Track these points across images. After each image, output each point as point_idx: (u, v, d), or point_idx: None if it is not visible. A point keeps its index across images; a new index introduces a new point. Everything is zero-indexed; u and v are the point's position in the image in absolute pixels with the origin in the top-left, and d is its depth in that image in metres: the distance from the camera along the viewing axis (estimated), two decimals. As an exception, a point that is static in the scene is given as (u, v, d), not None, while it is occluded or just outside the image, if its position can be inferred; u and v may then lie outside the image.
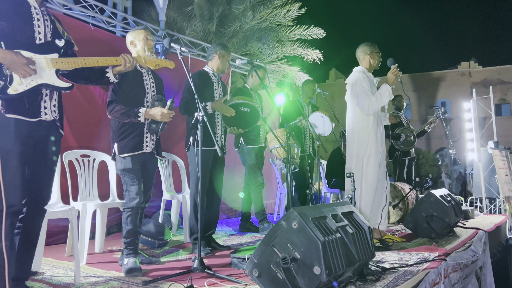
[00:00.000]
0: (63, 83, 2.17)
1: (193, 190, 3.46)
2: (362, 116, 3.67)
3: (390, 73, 3.61)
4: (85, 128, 4.16)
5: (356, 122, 3.71)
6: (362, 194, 3.64)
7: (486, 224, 5.23)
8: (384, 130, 3.82)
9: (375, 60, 3.74)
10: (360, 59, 3.80)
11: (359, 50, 3.81)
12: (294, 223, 2.08)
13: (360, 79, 3.64)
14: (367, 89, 3.60)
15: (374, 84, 3.72)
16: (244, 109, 3.49)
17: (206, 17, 9.28)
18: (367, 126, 3.65)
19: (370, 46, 3.78)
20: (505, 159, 6.16)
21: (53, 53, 2.16)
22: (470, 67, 23.87)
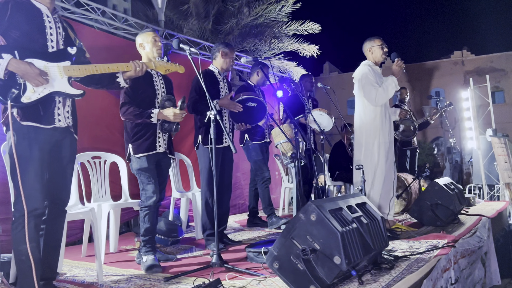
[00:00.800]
0: (75, 91, 2.22)
1: (204, 187, 3.52)
2: (369, 108, 3.76)
3: (394, 65, 3.71)
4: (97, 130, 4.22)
5: (364, 114, 3.81)
6: (371, 185, 3.74)
7: (488, 210, 5.34)
8: (392, 123, 3.91)
9: (377, 54, 3.83)
10: (366, 54, 3.92)
11: (363, 46, 3.93)
12: (313, 215, 2.15)
13: (365, 72, 3.74)
14: (373, 81, 3.70)
15: (381, 76, 3.81)
16: (251, 104, 3.54)
17: (202, 15, 9.31)
18: (375, 117, 3.75)
19: (370, 41, 3.88)
20: (503, 146, 6.27)
21: (65, 61, 2.21)
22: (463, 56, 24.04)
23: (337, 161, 6.05)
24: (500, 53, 22.63)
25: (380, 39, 3.86)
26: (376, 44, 3.84)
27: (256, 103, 3.57)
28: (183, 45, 2.91)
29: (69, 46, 2.25)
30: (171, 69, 2.75)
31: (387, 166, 3.78)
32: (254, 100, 3.56)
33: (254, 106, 3.56)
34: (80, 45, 2.29)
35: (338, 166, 6.00)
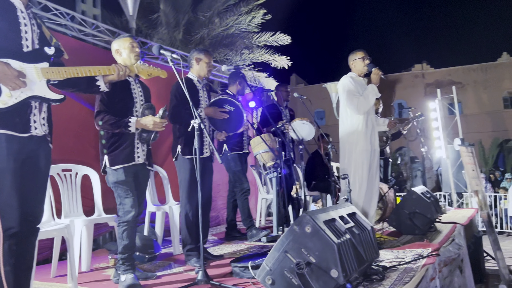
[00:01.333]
0: (55, 95, 2.04)
1: (184, 200, 3.37)
2: (352, 116, 3.86)
3: (373, 74, 3.83)
4: (65, 140, 3.96)
5: (347, 123, 3.90)
6: (358, 190, 3.78)
7: (459, 218, 5.46)
8: (376, 132, 3.97)
9: (358, 66, 3.96)
10: (350, 67, 4.05)
11: (348, 60, 4.06)
12: (308, 227, 2.06)
13: (346, 83, 3.87)
14: (354, 91, 3.82)
15: (363, 86, 3.89)
16: (228, 107, 3.45)
17: (172, 24, 9.15)
18: (357, 126, 3.84)
19: (352, 55, 4.02)
20: (471, 155, 6.46)
21: (42, 62, 2.02)
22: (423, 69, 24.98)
23: (314, 171, 6.02)
24: (458, 67, 23.69)
25: (362, 51, 3.99)
26: (357, 57, 3.97)
27: (234, 107, 3.47)
28: (164, 51, 2.78)
29: (45, 45, 2.06)
30: (153, 74, 2.61)
31: (370, 175, 3.80)
32: (232, 104, 3.46)
33: (232, 110, 3.46)
34: (58, 45, 2.12)
35: (314, 176, 5.97)
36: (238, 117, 3.56)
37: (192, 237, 3.35)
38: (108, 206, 3.58)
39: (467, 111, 23.16)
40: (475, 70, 23.32)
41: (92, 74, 2.21)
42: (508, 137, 22.17)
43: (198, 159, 2.63)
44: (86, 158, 3.79)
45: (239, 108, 3.54)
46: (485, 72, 23.03)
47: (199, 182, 2.60)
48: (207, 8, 9.36)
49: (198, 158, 2.63)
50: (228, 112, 3.51)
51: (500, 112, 22.45)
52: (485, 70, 23.07)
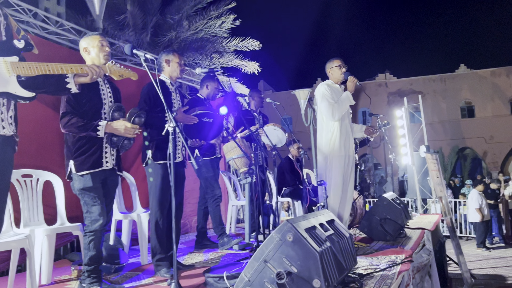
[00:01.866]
0: (27, 93, 1.88)
1: (155, 208, 3.21)
2: (328, 123, 3.90)
3: (348, 82, 3.87)
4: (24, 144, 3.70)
5: (323, 129, 3.93)
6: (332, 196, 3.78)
7: (426, 223, 5.57)
8: (352, 138, 3.99)
9: (335, 74, 4.02)
10: (328, 75, 4.10)
11: (325, 68, 4.09)
12: (289, 236, 1.99)
13: (322, 90, 3.90)
14: (329, 97, 3.85)
15: (340, 93, 3.93)
16: (207, 119, 3.34)
17: (139, 26, 8.91)
18: (333, 131, 3.88)
19: (330, 63, 4.07)
20: (435, 162, 6.65)
21: (12, 56, 1.86)
22: (386, 78, 25.74)
23: (284, 177, 5.99)
24: (419, 77, 24.58)
25: (339, 59, 4.04)
26: (335, 64, 4.03)
27: (212, 118, 3.37)
28: (137, 51, 2.64)
29: (13, 38, 1.90)
30: (125, 75, 2.48)
31: (345, 180, 3.83)
32: (210, 116, 3.36)
33: (210, 121, 3.36)
34: (27, 38, 1.95)
35: (285, 182, 5.94)
36: (216, 127, 3.47)
37: (162, 246, 3.21)
38: (72, 215, 3.38)
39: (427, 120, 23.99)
40: (434, 80, 24.27)
41: (64, 71, 2.06)
42: (465, 145, 23.18)
43: (172, 165, 2.50)
44: (48, 163, 3.55)
45: (218, 118, 3.44)
46: (444, 82, 24.02)
47: (172, 189, 2.47)
48: (176, 11, 9.18)
49: (172, 164, 2.50)
50: (207, 123, 3.40)
51: (458, 121, 23.45)
52: (444, 80, 24.06)
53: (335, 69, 3.97)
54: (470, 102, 23.71)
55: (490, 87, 23.00)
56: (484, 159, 22.94)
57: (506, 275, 7.09)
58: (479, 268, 7.69)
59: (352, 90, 3.90)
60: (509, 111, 22.83)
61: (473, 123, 23.23)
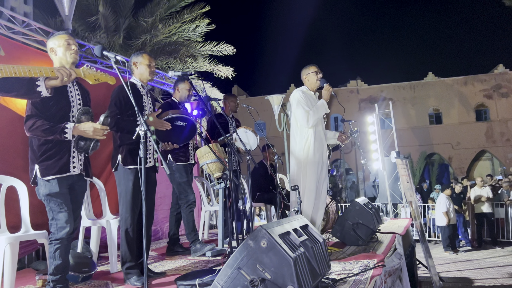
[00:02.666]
0: None
1: (125, 214, 3.12)
2: (302, 129, 3.92)
3: (324, 90, 3.89)
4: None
5: (297, 135, 3.94)
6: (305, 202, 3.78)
7: (396, 228, 5.66)
8: (325, 145, 4.01)
9: (311, 80, 4.03)
10: (303, 81, 4.10)
11: (301, 74, 4.10)
12: (263, 242, 1.97)
13: (297, 97, 3.91)
14: (304, 104, 3.87)
15: (314, 100, 3.94)
16: (180, 123, 3.28)
17: (111, 28, 8.73)
18: (307, 138, 3.90)
19: (305, 69, 4.08)
20: (405, 167, 6.81)
21: None
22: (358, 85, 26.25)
23: (258, 182, 5.96)
24: (389, 84, 25.20)
25: (315, 66, 4.05)
26: (311, 71, 4.04)
27: (186, 122, 3.31)
28: (107, 52, 2.56)
29: None
30: (101, 79, 2.40)
31: (318, 186, 3.84)
32: (184, 119, 3.30)
33: (183, 125, 3.30)
34: None
35: (258, 187, 5.91)
36: (189, 130, 3.41)
37: (132, 253, 3.12)
38: (37, 222, 3.24)
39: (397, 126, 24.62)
40: (404, 87, 24.94)
41: (32, 74, 1.97)
42: (433, 151, 23.88)
43: (143, 169, 2.43)
44: (12, 168, 3.40)
45: (191, 122, 3.38)
46: (413, 90, 24.71)
47: (143, 194, 2.40)
48: (149, 14, 9.06)
49: (143, 168, 2.43)
50: (180, 127, 3.34)
51: (426, 128, 24.15)
52: (413, 87, 24.76)
53: (311, 75, 3.99)
54: (438, 109, 24.49)
55: (457, 95, 23.84)
56: (451, 164, 23.70)
57: (473, 278, 7.30)
58: (447, 271, 7.89)
59: (327, 98, 3.94)
60: (474, 118, 23.72)
61: (440, 130, 24.00)
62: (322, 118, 4.04)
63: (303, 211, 3.77)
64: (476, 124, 23.50)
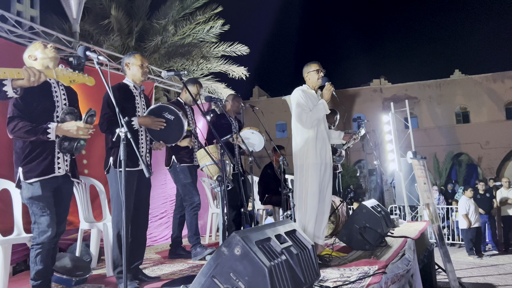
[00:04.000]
0: None
1: (116, 217, 3.07)
2: (302, 130, 3.73)
3: (324, 89, 3.73)
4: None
5: (298, 136, 3.76)
6: (305, 207, 3.60)
7: (411, 231, 5.43)
8: (328, 145, 3.83)
9: (312, 79, 3.83)
10: (305, 79, 3.92)
11: (303, 72, 3.92)
12: (237, 249, 1.85)
13: (296, 96, 3.73)
14: (304, 105, 3.68)
15: (316, 99, 3.79)
16: (168, 116, 3.19)
17: (125, 31, 8.80)
18: (307, 138, 3.71)
19: (307, 67, 3.89)
20: (422, 168, 6.52)
21: None
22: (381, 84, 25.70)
23: (267, 184, 5.85)
24: (413, 82, 24.52)
25: (317, 63, 3.86)
26: (312, 69, 3.84)
27: (174, 116, 3.21)
28: (90, 52, 2.50)
29: None
30: (77, 80, 2.35)
31: (321, 189, 3.68)
32: (172, 112, 3.20)
33: (172, 119, 3.20)
34: None
35: (267, 189, 5.80)
36: (178, 127, 3.29)
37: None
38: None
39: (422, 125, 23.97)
40: (429, 86, 24.22)
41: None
42: (460, 150, 23.07)
43: (123, 172, 2.35)
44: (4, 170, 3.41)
45: (179, 116, 3.26)
46: (439, 88, 23.97)
47: (122, 198, 2.33)
48: (163, 16, 9.08)
49: (123, 171, 2.36)
50: (168, 121, 3.25)
51: (453, 127, 23.37)
52: (439, 86, 24.01)
53: (312, 73, 3.81)
54: (465, 108, 23.67)
55: (485, 93, 22.96)
56: (480, 165, 22.83)
57: (496, 284, 6.94)
58: (469, 276, 7.53)
59: (328, 98, 3.73)
60: (505, 117, 22.77)
61: (468, 129, 23.16)
62: (325, 117, 3.86)
63: (302, 217, 3.62)
64: (506, 122, 22.53)
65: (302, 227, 3.68)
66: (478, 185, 9.61)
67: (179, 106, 4.14)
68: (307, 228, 3.66)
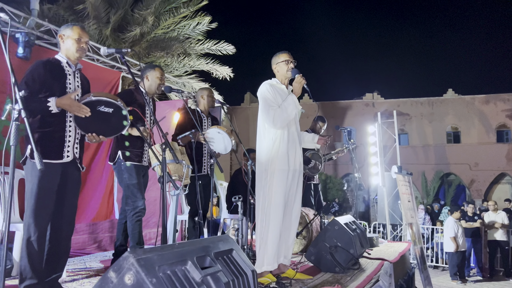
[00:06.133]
0: None
1: (29, 219, 2.52)
2: (269, 131, 3.19)
3: (294, 82, 3.18)
4: None
5: (264, 137, 3.23)
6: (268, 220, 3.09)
7: (390, 253, 4.94)
8: (299, 150, 3.30)
9: (282, 71, 3.28)
10: (274, 72, 3.38)
11: (271, 63, 3.38)
12: (129, 277, 1.32)
13: (263, 91, 3.20)
14: (271, 101, 3.15)
15: (285, 95, 3.24)
16: (104, 109, 2.64)
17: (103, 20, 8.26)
18: (274, 140, 3.17)
19: (275, 57, 3.34)
20: (407, 184, 6.06)
21: None
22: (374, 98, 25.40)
23: (236, 191, 5.32)
24: (406, 99, 24.26)
25: (287, 53, 3.29)
26: (281, 59, 3.28)
27: (113, 108, 2.67)
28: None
29: None
30: None
31: (287, 199, 3.15)
32: (110, 105, 2.66)
33: (109, 112, 2.66)
34: None
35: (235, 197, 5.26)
36: (118, 119, 2.74)
37: (34, 269, 2.50)
38: None
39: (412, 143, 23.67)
40: (422, 103, 23.99)
41: None
42: (450, 170, 22.76)
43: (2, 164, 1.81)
44: None
45: (119, 108, 2.71)
46: (431, 106, 23.73)
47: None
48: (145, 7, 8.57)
49: (12, 160, 1.82)
50: (107, 115, 2.69)
51: (443, 146, 23.08)
52: (431, 104, 23.78)
53: (281, 64, 3.26)
54: (456, 128, 23.43)
55: (477, 114, 22.75)
56: (469, 186, 22.52)
57: (479, 314, 6.45)
58: (451, 304, 7.05)
59: (298, 92, 3.17)
60: (495, 139, 22.54)
61: (458, 149, 22.89)
62: (296, 117, 3.32)
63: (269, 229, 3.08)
64: (496, 145, 22.30)
65: (263, 243, 3.14)
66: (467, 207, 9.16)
67: (135, 95, 3.60)
68: (268, 245, 3.11)
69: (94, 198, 4.88)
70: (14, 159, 1.81)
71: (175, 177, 3.55)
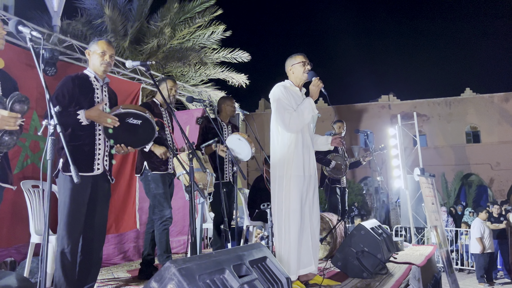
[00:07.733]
0: None
1: (62, 231, 2.58)
2: (284, 135, 3.12)
3: (311, 85, 3.13)
4: None
5: (278, 142, 3.16)
6: (287, 228, 3.02)
7: (416, 256, 4.87)
8: (313, 154, 3.26)
9: (298, 73, 3.22)
10: (288, 74, 3.33)
11: (285, 65, 3.33)
12: (171, 286, 1.34)
13: (277, 93, 3.13)
14: (286, 104, 3.08)
15: (299, 98, 3.19)
16: (133, 121, 2.69)
17: (120, 32, 8.43)
18: (289, 145, 3.10)
19: (291, 59, 3.28)
20: (431, 187, 5.98)
21: None
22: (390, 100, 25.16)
23: (257, 198, 5.32)
24: (423, 100, 23.95)
25: (303, 55, 3.23)
26: (296, 61, 3.21)
27: (141, 120, 2.73)
28: (22, 27, 2.05)
29: None
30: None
31: (304, 206, 3.10)
32: (139, 117, 2.72)
33: (138, 124, 2.72)
34: None
35: (257, 204, 5.26)
36: (147, 131, 2.79)
37: (68, 280, 2.55)
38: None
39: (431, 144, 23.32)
40: (439, 103, 23.64)
41: None
42: (470, 171, 22.32)
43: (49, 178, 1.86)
44: None
45: (148, 120, 2.77)
46: (449, 106, 23.37)
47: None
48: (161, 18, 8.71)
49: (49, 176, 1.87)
50: (135, 127, 2.75)
51: (463, 146, 22.67)
52: (449, 104, 23.41)
53: (296, 66, 3.19)
54: (475, 127, 23.00)
55: (497, 112, 22.29)
56: (490, 186, 22.03)
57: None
58: (480, 307, 6.88)
59: (315, 96, 3.11)
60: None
61: (478, 149, 22.44)
62: (310, 122, 3.24)
63: (280, 239, 3.05)
64: (518, 143, 21.81)
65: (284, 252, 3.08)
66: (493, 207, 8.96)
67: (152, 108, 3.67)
68: (290, 253, 3.02)
69: (120, 209, 4.95)
70: (51, 174, 1.86)
71: (200, 186, 3.59)
